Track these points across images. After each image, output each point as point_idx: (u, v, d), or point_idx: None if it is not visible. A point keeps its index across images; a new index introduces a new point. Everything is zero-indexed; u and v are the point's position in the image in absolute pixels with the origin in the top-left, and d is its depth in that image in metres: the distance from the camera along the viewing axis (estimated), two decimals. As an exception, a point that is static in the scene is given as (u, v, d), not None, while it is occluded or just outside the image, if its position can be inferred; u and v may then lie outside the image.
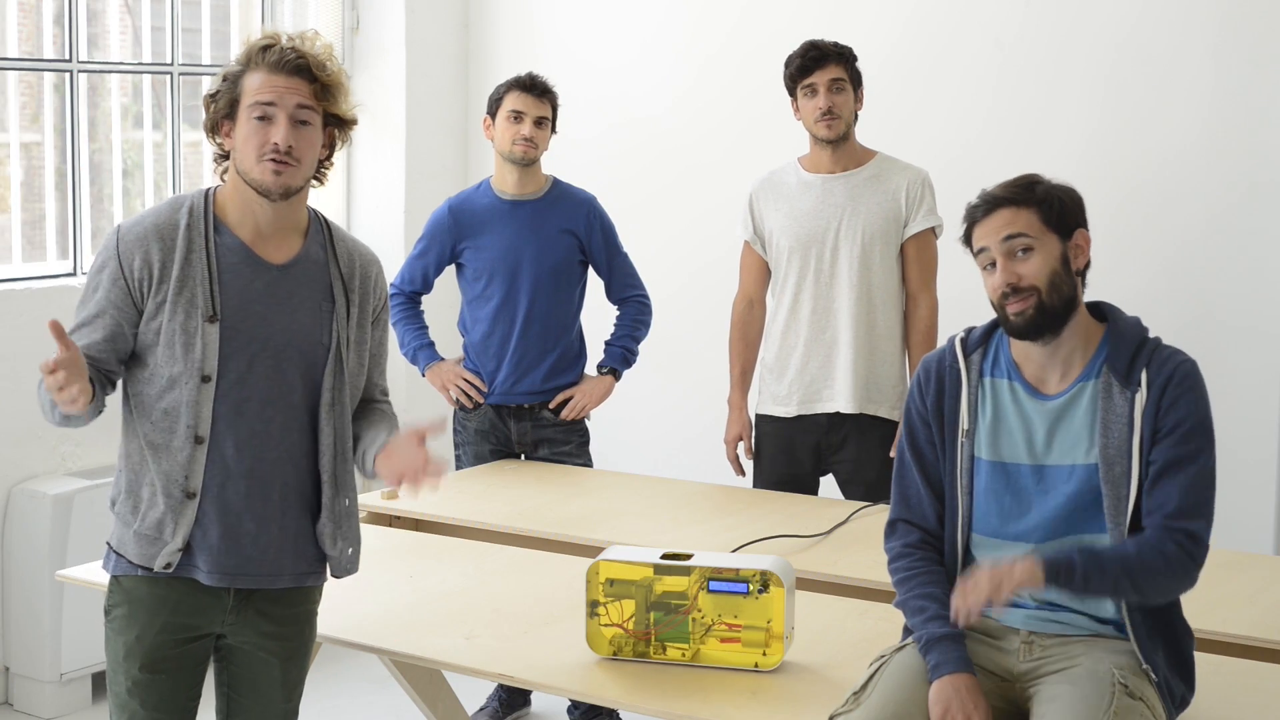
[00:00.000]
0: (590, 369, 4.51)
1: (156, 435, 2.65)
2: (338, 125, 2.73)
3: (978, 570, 2.49)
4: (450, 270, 4.51)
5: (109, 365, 2.64)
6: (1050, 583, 2.47)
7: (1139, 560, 2.48)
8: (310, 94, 2.65)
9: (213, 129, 2.71)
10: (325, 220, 2.82)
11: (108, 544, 2.76)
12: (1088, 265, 2.63)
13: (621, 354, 4.49)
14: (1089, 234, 2.63)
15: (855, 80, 4.20)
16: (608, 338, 4.51)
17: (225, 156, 2.72)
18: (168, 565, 2.66)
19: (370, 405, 2.87)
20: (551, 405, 4.40)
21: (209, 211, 2.68)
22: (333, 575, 2.84)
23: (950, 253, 4.27)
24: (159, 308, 2.63)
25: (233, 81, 2.66)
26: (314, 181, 2.75)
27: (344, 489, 2.77)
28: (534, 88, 4.33)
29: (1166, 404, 2.53)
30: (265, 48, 2.65)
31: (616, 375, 4.49)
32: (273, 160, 2.62)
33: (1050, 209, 2.58)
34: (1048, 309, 2.55)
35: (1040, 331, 2.57)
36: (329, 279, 2.75)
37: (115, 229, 2.69)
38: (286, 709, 2.85)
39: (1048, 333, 2.57)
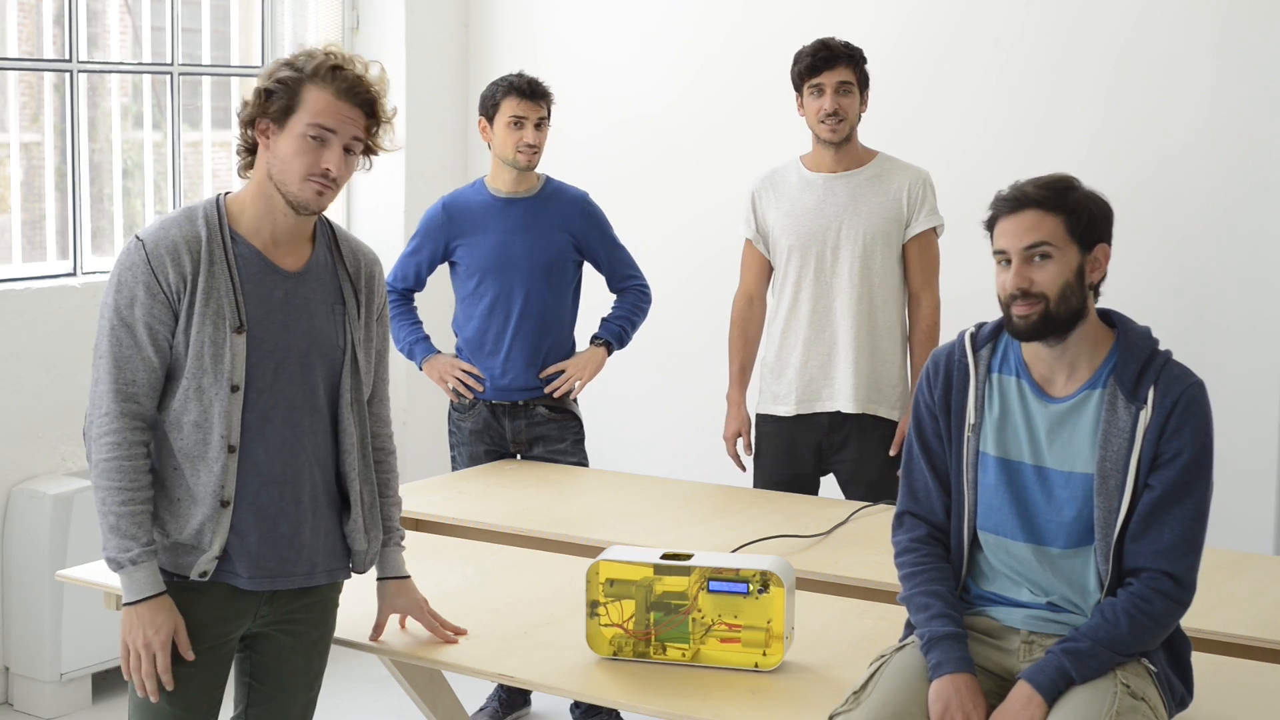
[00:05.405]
0: None
1: (191, 447, 2.66)
2: (366, 154, 2.76)
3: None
4: (444, 270, 4.51)
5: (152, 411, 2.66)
6: (1056, 698, 2.47)
7: (1132, 634, 2.49)
8: (364, 127, 2.69)
9: (250, 122, 2.70)
10: (329, 222, 2.85)
11: None
12: (1103, 279, 2.61)
13: (618, 330, 4.44)
14: (1110, 249, 2.60)
15: (863, 83, 4.21)
16: (605, 315, 4.48)
17: (250, 150, 2.73)
18: (204, 574, 2.68)
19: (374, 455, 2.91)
20: (541, 375, 4.35)
21: (224, 222, 2.69)
22: (357, 571, 2.88)
23: (952, 253, 4.31)
24: (188, 320, 2.63)
25: (293, 88, 2.64)
26: None
27: (368, 483, 2.84)
28: (533, 92, 4.28)
29: (1171, 429, 2.51)
30: (336, 68, 2.65)
31: (609, 349, 4.44)
32: (319, 182, 2.65)
33: (1078, 219, 2.55)
34: (1052, 318, 2.53)
35: (1041, 336, 2.55)
36: (338, 282, 2.79)
37: (138, 245, 2.63)
38: (308, 699, 2.88)
39: (1050, 337, 2.56)
